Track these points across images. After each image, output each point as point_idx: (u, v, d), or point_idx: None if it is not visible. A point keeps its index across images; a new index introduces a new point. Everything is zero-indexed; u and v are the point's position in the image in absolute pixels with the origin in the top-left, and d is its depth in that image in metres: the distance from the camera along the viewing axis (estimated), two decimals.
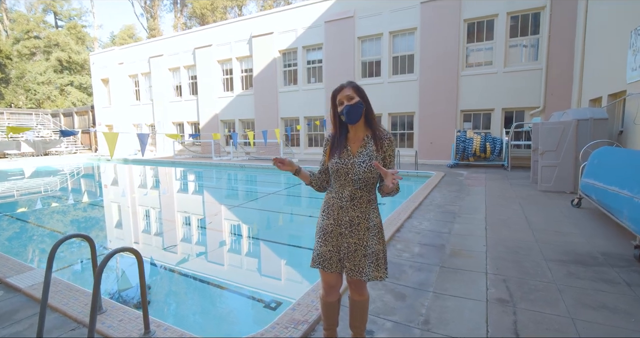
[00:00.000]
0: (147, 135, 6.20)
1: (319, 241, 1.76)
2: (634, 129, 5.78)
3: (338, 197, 1.71)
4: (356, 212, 1.68)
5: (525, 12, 10.33)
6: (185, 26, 37.54)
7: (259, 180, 11.14)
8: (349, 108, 1.63)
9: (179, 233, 5.34)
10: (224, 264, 4.11)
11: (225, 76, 16.50)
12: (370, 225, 1.69)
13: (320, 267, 1.74)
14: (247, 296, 3.24)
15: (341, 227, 1.70)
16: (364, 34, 12.60)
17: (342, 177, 1.68)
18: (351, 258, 1.69)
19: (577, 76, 9.19)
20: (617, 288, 2.61)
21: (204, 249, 4.60)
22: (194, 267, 3.91)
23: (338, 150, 1.71)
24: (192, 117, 17.76)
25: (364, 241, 1.68)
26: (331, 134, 1.78)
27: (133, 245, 4.76)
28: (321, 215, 1.81)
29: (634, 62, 5.73)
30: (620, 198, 3.38)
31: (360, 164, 1.64)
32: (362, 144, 1.69)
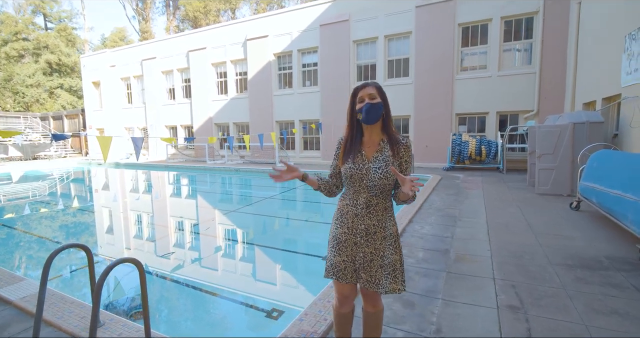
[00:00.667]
0: (141, 138, 6.07)
1: (333, 250, 1.69)
2: (629, 132, 5.84)
3: (353, 205, 1.64)
4: (372, 220, 1.61)
5: (518, 17, 10.47)
6: (177, 29, 37.31)
7: (255, 184, 11.02)
8: (369, 106, 1.56)
9: (174, 239, 5.21)
10: (223, 272, 4.00)
11: (220, 79, 16.38)
12: (387, 234, 1.63)
13: (334, 278, 1.67)
14: (248, 305, 3.14)
15: (356, 236, 1.63)
16: (359, 38, 12.62)
17: (356, 183, 1.61)
18: (367, 268, 1.62)
19: (570, 80, 9.31)
20: (626, 293, 2.58)
21: (202, 256, 4.48)
22: (191, 275, 3.79)
23: (352, 155, 1.63)
24: (186, 121, 17.57)
25: (381, 251, 1.61)
26: (344, 137, 1.71)
27: (126, 252, 4.63)
28: (334, 223, 1.73)
29: (628, 66, 5.81)
30: (624, 201, 3.38)
31: (375, 170, 1.57)
32: (377, 149, 1.62)
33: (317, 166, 12.91)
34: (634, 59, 5.62)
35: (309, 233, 5.56)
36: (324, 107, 13.51)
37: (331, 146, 13.50)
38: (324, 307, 2.37)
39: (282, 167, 1.66)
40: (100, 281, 1.62)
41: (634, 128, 5.54)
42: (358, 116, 1.62)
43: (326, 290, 2.66)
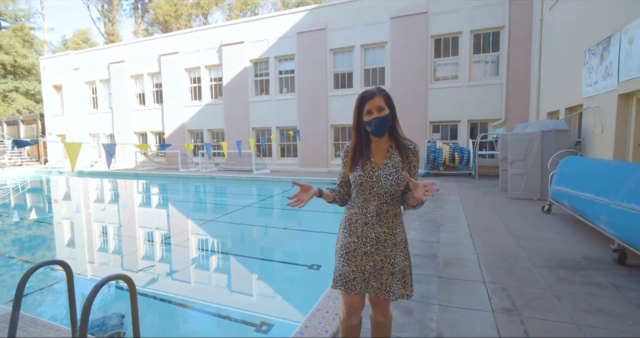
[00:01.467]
0: (113, 145, 5.74)
1: (341, 260, 1.63)
2: (590, 139, 6.28)
3: (362, 213, 1.60)
4: (382, 227, 1.58)
5: (486, 31, 11.06)
6: (146, 32, 36.13)
7: (231, 193, 10.74)
8: (378, 121, 1.52)
9: (152, 252, 4.92)
10: (204, 285, 3.82)
11: (193, 84, 15.96)
12: (397, 241, 1.60)
13: (343, 289, 1.61)
14: (235, 319, 3.00)
15: (366, 244, 1.59)
16: (336, 46, 12.80)
17: (366, 191, 1.58)
18: (377, 277, 1.58)
19: (534, 91, 9.92)
20: (607, 292, 2.72)
21: (181, 269, 4.26)
22: (172, 290, 3.58)
23: (361, 162, 1.60)
24: (157, 127, 16.90)
25: (391, 258, 1.58)
26: (351, 144, 1.68)
27: (112, 269, 4.31)
28: (342, 232, 1.68)
29: (589, 78, 6.27)
30: (596, 204, 3.59)
31: (386, 177, 1.55)
32: (386, 155, 1.59)
33: (295, 173, 12.82)
34: (594, 72, 6.07)
35: (291, 242, 5.46)
36: (302, 114, 13.51)
37: (308, 153, 13.49)
38: (323, 318, 2.30)
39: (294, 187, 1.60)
40: (88, 302, 1.46)
41: (596, 135, 5.96)
42: (367, 128, 1.59)
43: (323, 300, 2.59)
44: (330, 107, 13.13)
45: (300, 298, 3.37)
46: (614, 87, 5.35)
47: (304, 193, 1.59)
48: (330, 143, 13.40)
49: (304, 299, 3.32)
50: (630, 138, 5.23)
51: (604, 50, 5.69)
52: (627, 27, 4.96)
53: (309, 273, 3.94)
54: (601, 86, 5.77)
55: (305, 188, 1.59)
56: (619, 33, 5.14)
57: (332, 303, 2.50)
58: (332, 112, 13.13)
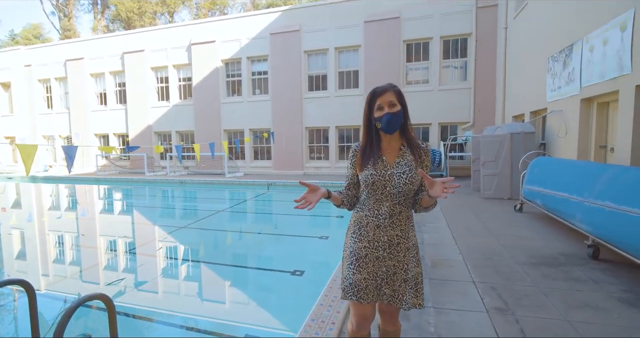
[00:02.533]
0: (74, 148, 5.27)
1: (351, 268, 1.52)
2: (555, 141, 6.65)
3: (374, 215, 1.50)
4: (395, 230, 1.49)
5: (455, 37, 11.49)
6: (107, 29, 34.18)
7: (203, 197, 10.31)
8: (390, 117, 1.45)
9: (122, 263, 4.55)
10: (182, 297, 3.56)
11: (160, 84, 15.23)
12: (410, 245, 1.52)
13: (355, 299, 1.49)
14: (219, 335, 2.80)
15: (378, 249, 1.50)
16: (310, 48, 12.75)
17: (378, 191, 1.49)
18: (390, 283, 1.50)
19: (500, 95, 10.41)
20: (589, 286, 2.82)
21: (156, 281, 3.95)
22: (147, 303, 3.30)
23: (372, 161, 1.51)
24: (120, 129, 15.94)
25: (404, 263, 1.50)
26: (359, 143, 1.59)
27: (87, 286, 3.90)
28: (351, 238, 1.58)
29: (552, 84, 6.65)
30: (571, 203, 3.75)
31: (400, 175, 1.46)
32: (399, 154, 1.51)
33: (269, 176, 12.57)
34: (557, 78, 6.45)
35: (270, 247, 5.28)
36: (276, 116, 13.29)
37: (283, 156, 13.29)
38: (320, 328, 2.17)
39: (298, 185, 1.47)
40: (61, 329, 1.24)
41: (560, 137, 6.31)
42: (377, 124, 1.51)
43: (316, 309, 2.46)
44: (304, 109, 13.03)
45: (287, 307, 3.22)
46: (576, 92, 5.69)
47: (312, 194, 1.47)
48: (305, 145, 13.29)
49: (292, 308, 3.18)
50: (592, 139, 5.58)
51: (566, 58, 6.05)
52: (588, 36, 5.30)
53: (292, 280, 3.80)
54: (564, 91, 6.13)
55: (313, 189, 1.48)
56: (581, 41, 5.49)
57: (326, 311, 2.39)
58: (307, 114, 13.04)
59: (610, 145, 5.27)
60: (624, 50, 4.40)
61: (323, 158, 13.39)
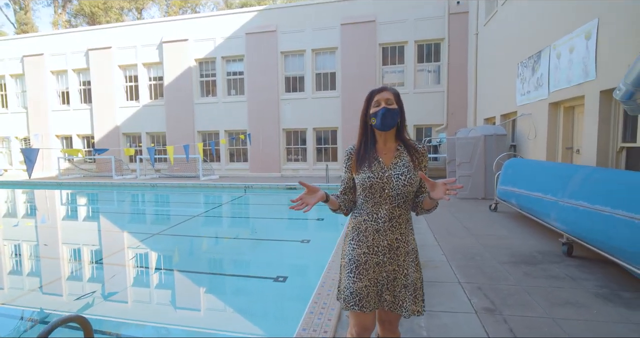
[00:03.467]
0: (35, 150, 4.87)
1: (351, 276, 1.47)
2: (525, 143, 6.96)
3: (372, 219, 1.46)
4: (395, 234, 1.45)
5: (428, 42, 11.80)
6: (69, 24, 32.28)
7: (177, 201, 9.91)
8: (385, 111, 1.42)
9: (90, 275, 4.24)
10: (161, 308, 3.36)
11: (129, 83, 14.54)
12: (410, 249, 1.49)
13: (357, 309, 1.44)
14: None
15: (378, 254, 1.45)
16: (287, 49, 12.64)
17: (376, 194, 1.44)
18: (391, 289, 1.46)
19: (472, 98, 10.80)
20: (567, 283, 2.93)
21: (131, 293, 3.71)
22: (119, 315, 3.07)
23: (367, 163, 1.47)
24: (85, 130, 15.06)
25: (404, 268, 1.46)
26: (355, 145, 1.54)
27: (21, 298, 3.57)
28: (349, 244, 1.52)
29: (522, 88, 6.96)
30: (545, 202, 3.91)
31: (398, 177, 1.42)
32: (395, 154, 1.48)
33: (245, 178, 12.31)
34: (526, 83, 6.76)
35: (250, 253, 5.12)
36: (252, 118, 13.06)
37: (260, 158, 13.07)
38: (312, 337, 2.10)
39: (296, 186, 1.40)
40: None
41: (530, 140, 6.61)
42: (372, 121, 1.47)
43: (307, 317, 2.38)
44: (282, 110, 12.89)
45: (274, 316, 3.12)
46: (545, 96, 5.98)
47: (311, 196, 1.41)
48: (283, 147, 13.14)
49: (280, 317, 3.08)
50: (560, 142, 5.88)
51: (535, 64, 6.35)
52: (555, 44, 5.59)
53: (276, 287, 3.69)
54: (533, 95, 6.43)
55: (312, 190, 1.42)
56: (549, 48, 5.78)
57: (317, 319, 2.32)
58: (284, 115, 12.91)
59: (576, 146, 5.57)
60: (589, 57, 4.67)
61: (301, 160, 13.30)
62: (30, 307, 3.33)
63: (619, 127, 4.45)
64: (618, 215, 2.77)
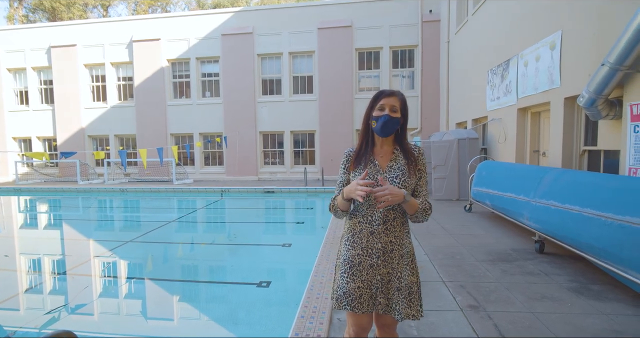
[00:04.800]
0: None
1: (345, 276, 1.48)
2: (495, 146, 7.31)
3: (367, 221, 1.47)
4: (389, 237, 1.47)
5: (403, 48, 12.15)
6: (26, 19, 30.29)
7: (149, 207, 9.52)
8: (387, 119, 1.43)
9: (55, 287, 3.97)
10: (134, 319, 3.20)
11: (96, 83, 13.85)
12: (404, 252, 1.50)
13: (349, 309, 1.45)
14: None
15: (372, 257, 1.46)
16: (264, 52, 12.56)
17: (371, 196, 1.45)
18: (385, 292, 1.47)
19: (444, 103, 11.21)
20: (541, 279, 3.10)
21: (103, 305, 3.51)
22: (92, 329, 2.90)
23: (364, 165, 1.49)
24: (46, 132, 14.14)
25: (397, 271, 1.47)
26: (356, 145, 1.56)
27: None
28: (345, 245, 1.53)
29: (492, 94, 7.32)
30: (518, 202, 4.12)
31: (393, 180, 1.45)
32: (391, 157, 1.50)
33: (221, 182, 12.05)
34: (496, 89, 7.11)
35: (230, 259, 5.01)
36: (228, 120, 12.82)
37: (236, 161, 12.84)
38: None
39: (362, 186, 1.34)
40: None
41: (500, 143, 6.95)
42: (372, 123, 1.49)
43: (298, 321, 2.36)
44: (258, 113, 12.76)
45: (262, 322, 3.05)
46: (513, 102, 6.33)
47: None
48: (260, 150, 12.99)
49: (268, 323, 3.02)
50: (527, 145, 6.23)
51: (504, 71, 6.70)
52: (522, 52, 5.93)
53: (260, 292, 3.62)
54: (503, 101, 6.78)
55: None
56: (517, 57, 6.12)
57: (309, 323, 2.30)
58: (261, 118, 12.79)
59: (543, 149, 5.92)
60: (554, 66, 4.99)
61: (278, 163, 13.20)
62: None
63: (582, 132, 4.79)
64: (586, 213, 2.97)
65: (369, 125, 1.51)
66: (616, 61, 3.46)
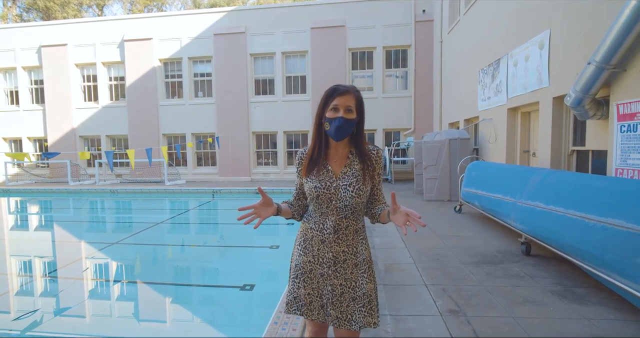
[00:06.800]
0: None
1: (296, 282, 1.42)
2: (486, 146, 7.26)
3: (318, 229, 1.39)
4: (341, 246, 1.38)
5: (396, 48, 12.10)
6: (20, 19, 30.04)
7: (140, 208, 9.41)
8: (342, 122, 1.31)
9: (39, 289, 3.87)
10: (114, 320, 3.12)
11: (87, 83, 13.71)
12: (359, 261, 1.40)
13: (299, 314, 1.41)
14: None
15: (323, 266, 1.38)
16: (257, 51, 12.47)
17: (323, 205, 1.36)
18: (337, 304, 1.37)
19: (437, 104, 11.17)
20: (525, 282, 3.04)
21: (85, 306, 3.41)
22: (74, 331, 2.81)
23: (316, 171, 1.38)
24: (36, 132, 13.98)
25: (352, 281, 1.38)
26: (309, 148, 1.45)
27: None
28: (297, 249, 1.46)
29: (483, 94, 7.27)
30: (505, 203, 4.06)
31: (346, 188, 1.34)
32: (346, 163, 1.40)
33: (214, 183, 11.95)
34: (487, 89, 7.07)
35: (217, 261, 4.93)
36: (220, 121, 12.72)
37: (229, 162, 12.74)
38: None
39: None
40: None
41: (491, 143, 6.91)
42: (325, 126, 1.38)
43: (270, 328, 2.28)
44: (251, 113, 12.67)
45: (238, 327, 2.98)
46: (503, 102, 6.28)
47: (265, 208, 1.32)
48: (252, 151, 12.90)
49: (244, 328, 2.95)
50: (518, 145, 6.19)
51: (494, 71, 6.66)
52: (512, 52, 5.89)
53: (242, 296, 3.55)
54: (493, 101, 6.73)
55: (267, 202, 1.33)
56: (507, 56, 6.08)
57: (281, 330, 2.23)
58: (254, 118, 12.70)
59: (532, 150, 5.88)
60: (542, 65, 4.95)
61: (271, 163, 13.12)
62: None
63: (570, 132, 4.74)
64: (570, 215, 2.92)
65: (322, 126, 1.39)
66: (602, 60, 3.41)
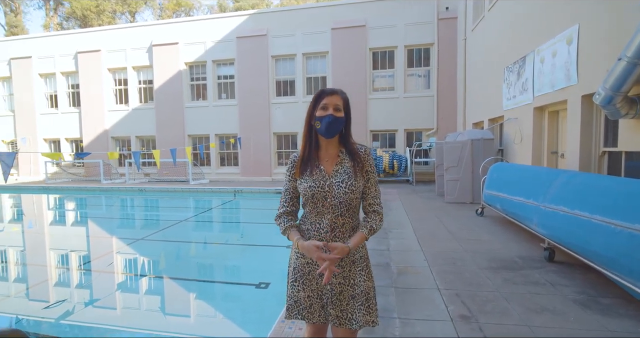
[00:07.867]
0: (12, 154, 4.76)
1: (295, 285, 1.44)
2: (511, 147, 6.98)
3: (315, 229, 1.41)
4: None
5: (418, 47, 11.87)
6: (60, 27, 32.05)
7: (165, 206, 9.78)
8: (332, 119, 1.37)
9: (73, 280, 4.13)
10: (136, 313, 3.27)
11: (118, 87, 14.41)
12: (356, 258, 1.43)
13: (300, 318, 1.42)
14: None
15: (320, 265, 1.40)
16: (278, 53, 12.64)
17: (319, 203, 1.39)
18: (336, 303, 1.40)
19: (461, 103, 10.85)
20: (546, 289, 2.90)
21: (108, 298, 3.61)
22: (101, 321, 2.98)
23: (309, 170, 1.42)
24: (73, 133, 14.86)
25: (350, 279, 1.41)
26: (300, 149, 1.49)
27: None
28: (294, 253, 1.48)
29: (508, 93, 7.00)
30: (527, 207, 3.89)
31: (339, 185, 1.38)
32: (337, 161, 1.44)
33: (236, 183, 12.22)
34: (512, 87, 6.79)
35: (236, 259, 5.04)
36: (243, 122, 12.99)
37: (250, 162, 12.99)
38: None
39: None
40: None
41: (516, 144, 6.63)
42: (316, 125, 1.42)
43: (277, 326, 2.31)
44: (272, 114, 12.85)
45: (249, 324, 3.04)
46: (529, 101, 6.01)
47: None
48: (274, 151, 13.08)
49: (254, 325, 3.00)
50: (545, 146, 5.90)
51: (520, 68, 6.39)
52: (539, 48, 5.62)
53: (257, 293, 3.62)
54: (519, 100, 6.46)
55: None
56: (533, 53, 5.81)
57: (288, 328, 2.25)
58: (275, 119, 12.87)
59: (560, 151, 5.59)
60: (571, 62, 4.70)
61: None
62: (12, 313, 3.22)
63: (601, 132, 4.47)
64: (595, 220, 2.75)
65: (312, 127, 1.44)
66: (634, 55, 3.19)
